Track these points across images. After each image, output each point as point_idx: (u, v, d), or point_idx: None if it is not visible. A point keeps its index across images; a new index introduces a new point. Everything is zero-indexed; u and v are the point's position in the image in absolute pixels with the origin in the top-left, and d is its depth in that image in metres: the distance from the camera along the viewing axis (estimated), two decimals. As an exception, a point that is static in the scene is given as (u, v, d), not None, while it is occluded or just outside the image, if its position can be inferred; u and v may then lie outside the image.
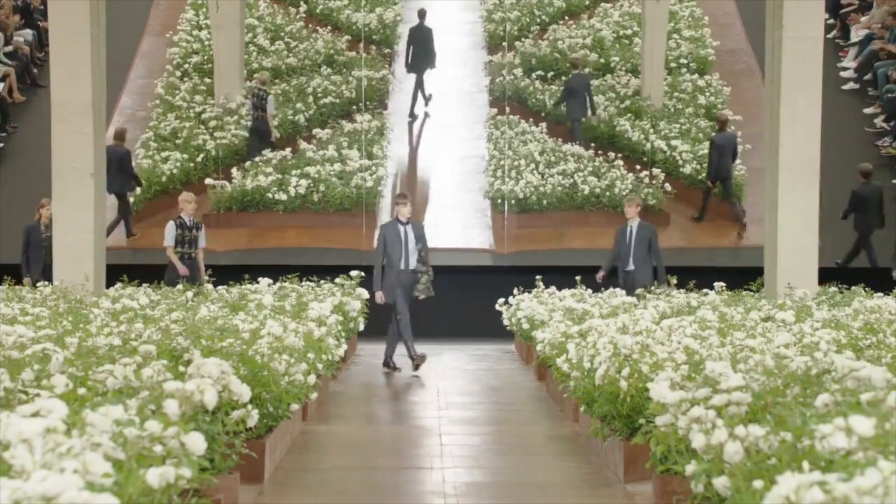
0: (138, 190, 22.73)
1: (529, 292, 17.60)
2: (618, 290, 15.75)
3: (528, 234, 22.58)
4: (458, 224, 23.17)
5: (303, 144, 24.46)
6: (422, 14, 26.63)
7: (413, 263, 15.96)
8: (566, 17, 29.15)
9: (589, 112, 24.90)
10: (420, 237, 16.05)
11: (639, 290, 14.87)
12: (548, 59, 27.30)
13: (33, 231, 18.87)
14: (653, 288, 15.19)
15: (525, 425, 12.01)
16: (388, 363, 16.17)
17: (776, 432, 5.03)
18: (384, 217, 23.22)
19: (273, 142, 24.26)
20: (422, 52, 26.16)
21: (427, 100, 26.43)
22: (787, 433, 4.98)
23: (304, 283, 16.24)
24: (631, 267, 17.04)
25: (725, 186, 22.65)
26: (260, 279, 16.05)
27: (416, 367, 15.82)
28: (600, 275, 17.34)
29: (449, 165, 25.40)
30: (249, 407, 6.50)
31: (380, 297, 15.95)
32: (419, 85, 26.33)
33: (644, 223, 17.44)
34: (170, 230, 17.78)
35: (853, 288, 15.04)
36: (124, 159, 21.97)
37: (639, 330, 9.33)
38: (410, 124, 26.36)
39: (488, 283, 20.25)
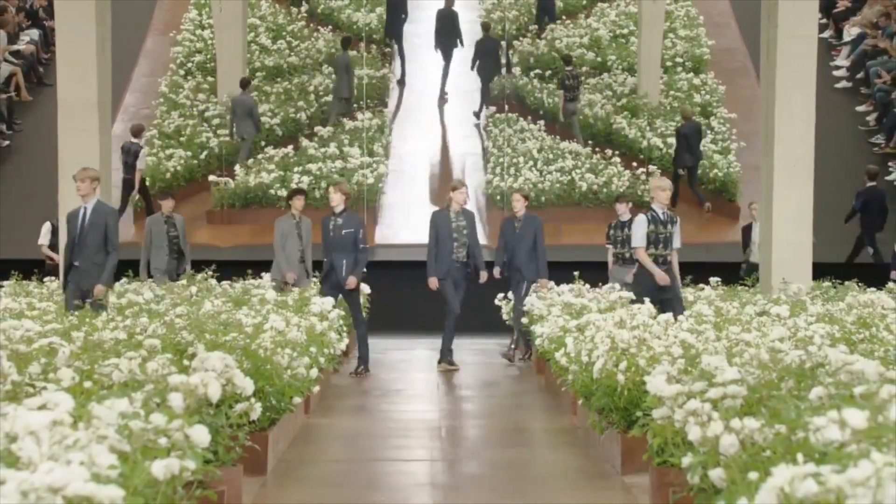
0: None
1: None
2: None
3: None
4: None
5: (304, 142, 24.55)
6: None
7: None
8: (564, 17, 29.24)
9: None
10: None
11: None
12: (545, 57, 27.39)
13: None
14: None
15: (524, 418, 12.08)
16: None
17: (771, 425, 5.06)
18: (385, 213, 23.29)
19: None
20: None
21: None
22: (781, 426, 5.02)
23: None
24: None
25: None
26: (263, 274, 16.13)
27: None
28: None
29: (448, 162, 25.45)
30: (252, 400, 6.54)
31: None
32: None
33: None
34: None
35: (846, 283, 15.10)
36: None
37: (636, 324, 9.41)
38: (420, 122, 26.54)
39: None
